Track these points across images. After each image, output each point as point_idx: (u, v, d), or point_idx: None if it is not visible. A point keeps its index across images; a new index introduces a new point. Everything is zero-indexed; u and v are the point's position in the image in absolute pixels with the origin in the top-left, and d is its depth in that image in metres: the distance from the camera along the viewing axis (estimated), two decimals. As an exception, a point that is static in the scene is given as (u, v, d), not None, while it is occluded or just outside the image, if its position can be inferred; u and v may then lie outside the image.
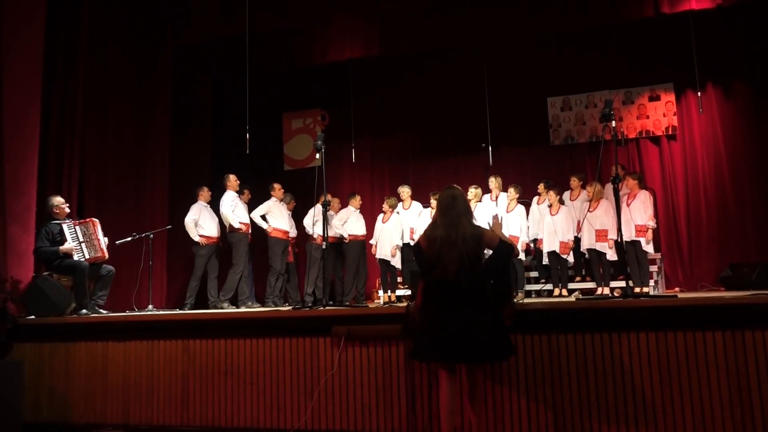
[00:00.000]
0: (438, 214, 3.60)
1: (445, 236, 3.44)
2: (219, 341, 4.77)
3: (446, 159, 9.98)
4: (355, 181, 10.35)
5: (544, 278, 7.89)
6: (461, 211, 3.52)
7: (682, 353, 3.77)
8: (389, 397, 4.28)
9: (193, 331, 4.89)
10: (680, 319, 3.80)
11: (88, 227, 6.15)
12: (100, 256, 6.12)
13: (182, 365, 4.85)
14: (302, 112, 10.88)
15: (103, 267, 6.20)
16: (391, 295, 8.00)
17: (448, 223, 3.49)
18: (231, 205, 7.41)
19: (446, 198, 3.59)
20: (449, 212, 3.52)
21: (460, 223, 3.48)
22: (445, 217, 3.53)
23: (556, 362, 3.99)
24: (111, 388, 4.98)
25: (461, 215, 3.51)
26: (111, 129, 7.74)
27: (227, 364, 4.72)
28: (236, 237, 7.41)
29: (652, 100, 9.16)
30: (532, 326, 4.05)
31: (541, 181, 8.09)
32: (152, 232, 7.29)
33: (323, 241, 5.23)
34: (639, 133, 9.16)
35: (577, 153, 9.51)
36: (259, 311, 5.36)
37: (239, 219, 7.40)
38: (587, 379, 3.92)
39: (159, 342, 4.95)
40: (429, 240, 3.54)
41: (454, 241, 3.41)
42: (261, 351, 4.66)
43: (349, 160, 10.06)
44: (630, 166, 9.03)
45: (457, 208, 3.52)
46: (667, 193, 8.91)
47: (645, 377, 3.81)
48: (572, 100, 9.57)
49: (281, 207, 7.64)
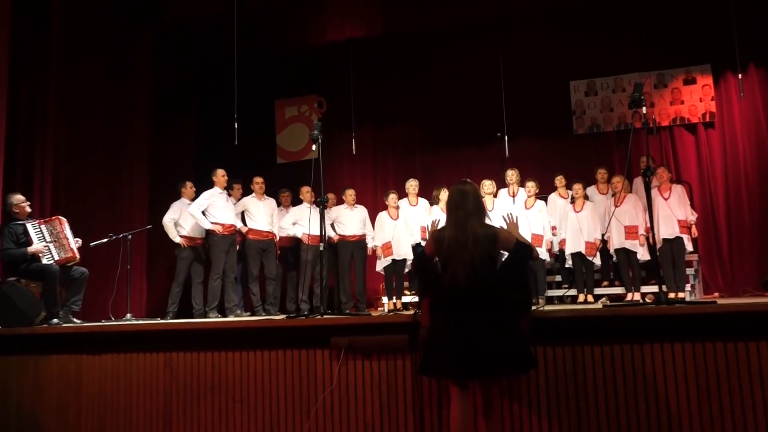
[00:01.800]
0: (447, 212, 3.59)
1: (453, 237, 3.43)
2: (205, 354, 4.76)
3: (457, 150, 9.96)
4: (355, 176, 10.35)
5: (567, 283, 7.86)
6: (471, 210, 3.51)
7: (723, 366, 3.74)
8: (395, 416, 4.26)
9: (176, 343, 4.86)
10: (720, 328, 3.77)
11: (54, 226, 6.14)
12: (70, 257, 6.11)
13: (164, 380, 4.84)
14: (297, 99, 10.87)
15: (75, 269, 6.19)
16: (396, 302, 7.98)
17: (456, 222, 3.49)
18: (204, 203, 7.39)
19: (455, 195, 3.58)
20: (458, 210, 3.51)
21: (469, 222, 3.46)
22: (453, 216, 3.53)
23: (581, 376, 3.96)
24: (85, 405, 4.97)
25: (471, 214, 3.50)
26: (85, 119, 7.75)
27: (214, 379, 4.71)
28: (212, 239, 7.41)
29: (687, 84, 9.12)
30: (554, 337, 4.02)
31: (560, 174, 8.06)
32: (130, 233, 7.29)
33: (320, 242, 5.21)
34: (673, 120, 9.13)
35: (603, 143, 9.48)
36: (249, 320, 5.35)
37: (215, 218, 7.37)
38: (616, 395, 3.89)
39: (138, 355, 4.94)
40: (436, 242, 3.53)
41: (463, 243, 3.40)
42: (251, 365, 4.64)
43: (348, 152, 10.04)
44: (663, 157, 8.99)
45: (466, 206, 3.51)
46: (704, 187, 8.88)
47: (681, 393, 3.79)
48: (598, 83, 9.53)
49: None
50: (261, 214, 7.89)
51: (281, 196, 8.49)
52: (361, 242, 8.12)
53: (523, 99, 9.39)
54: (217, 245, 7.36)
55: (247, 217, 7.88)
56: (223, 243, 7.33)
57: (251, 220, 7.83)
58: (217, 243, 7.35)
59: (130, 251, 7.24)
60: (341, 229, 8.09)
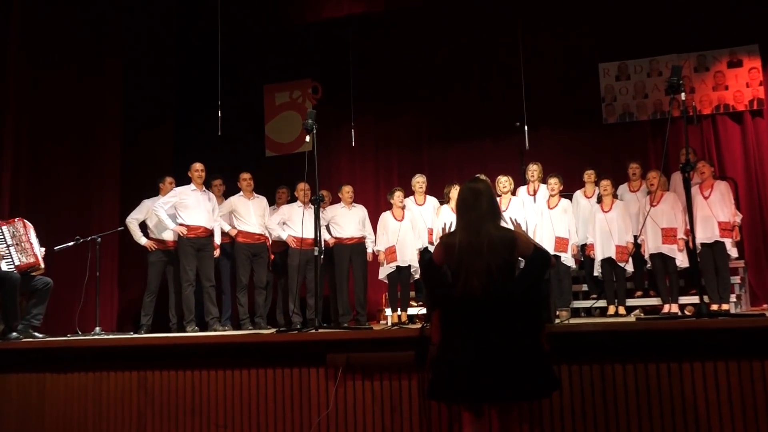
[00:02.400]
0: (457, 214, 3.58)
1: (466, 243, 3.42)
2: (183, 373, 4.76)
3: (471, 142, 9.95)
4: (354, 171, 10.34)
5: (595, 293, 7.84)
6: (485, 211, 3.50)
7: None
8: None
9: (151, 361, 4.87)
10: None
11: (17, 228, 6.16)
12: (33, 263, 6.12)
13: (138, 402, 4.84)
14: (289, 84, 10.88)
15: (38, 279, 6.20)
16: (401, 314, 7.97)
17: (468, 225, 3.48)
18: (169, 200, 7.36)
19: (467, 194, 3.57)
20: (470, 212, 3.50)
21: (483, 225, 3.45)
22: (464, 218, 3.51)
23: (611, 399, 3.95)
24: (49, 429, 4.98)
25: (485, 216, 3.49)
26: (48, 108, 7.75)
27: (194, 401, 4.71)
28: (179, 242, 7.42)
29: (731, 67, 9.11)
30: (581, 354, 4.02)
31: (588, 169, 8.04)
32: (100, 235, 7.27)
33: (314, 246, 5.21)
34: (715, 107, 9.11)
35: (636, 134, 9.46)
36: (233, 335, 5.37)
37: (183, 219, 7.35)
38: (651, 420, 3.88)
39: (109, 373, 4.94)
40: (446, 248, 3.52)
41: (477, 249, 3.39)
42: (236, 385, 4.64)
43: (347, 144, 10.04)
44: (704, 149, 8.97)
45: (479, 207, 3.50)
46: (751, 184, 8.85)
47: (725, 418, 3.78)
48: (630, 66, 9.52)
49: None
50: (250, 214, 7.86)
51: (278, 193, 8.49)
52: (360, 246, 8.10)
53: (546, 84, 9.38)
54: (183, 249, 7.35)
55: (235, 218, 7.87)
56: (188, 246, 7.31)
57: (240, 221, 7.82)
58: (182, 246, 7.35)
59: (100, 256, 7.21)
60: (338, 231, 8.09)
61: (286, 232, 7.90)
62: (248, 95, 10.69)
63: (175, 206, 7.40)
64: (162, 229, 7.59)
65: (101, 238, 7.27)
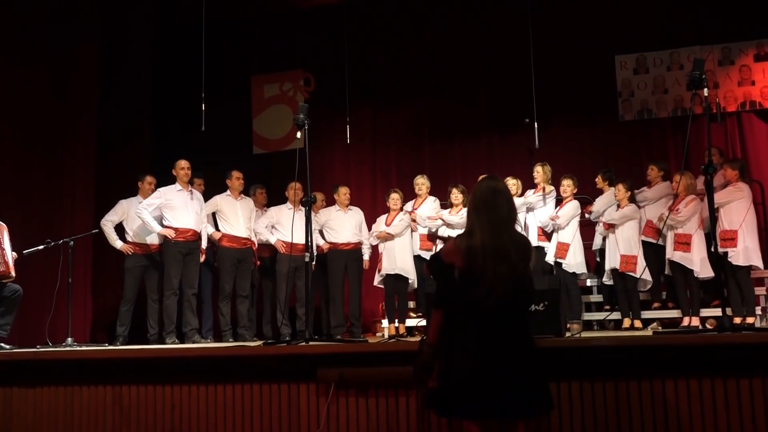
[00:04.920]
0: (473, 214, 3.55)
1: (491, 245, 3.41)
2: (162, 388, 4.76)
3: (476, 140, 9.97)
4: (350, 170, 10.36)
5: (609, 304, 7.86)
6: (506, 213, 3.51)
7: (800, 407, 3.75)
8: (396, 465, 4.28)
9: (128, 375, 4.88)
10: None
11: (-12, 232, 6.20)
12: (3, 272, 6.15)
13: (112, 420, 4.85)
14: (278, 75, 10.89)
15: (7, 286, 6.21)
16: (399, 326, 8.00)
17: (490, 225, 3.45)
18: (153, 202, 7.36)
19: (486, 192, 3.55)
20: (490, 212, 3.48)
21: (506, 229, 3.47)
22: (483, 218, 3.48)
23: (625, 417, 3.98)
24: (15, 450, 4.98)
25: (505, 218, 3.50)
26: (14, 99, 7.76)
27: (173, 418, 4.71)
28: (164, 246, 7.41)
29: (759, 60, 9.14)
30: (594, 369, 4.04)
31: (601, 171, 8.07)
32: (73, 238, 7.27)
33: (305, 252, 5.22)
34: (741, 104, 9.14)
35: (655, 132, 9.48)
36: (216, 348, 5.37)
37: (170, 221, 7.34)
38: (668, 442, 3.91)
39: (81, 388, 4.95)
40: (468, 251, 3.45)
41: (503, 252, 3.39)
42: (219, 402, 4.65)
43: (342, 140, 10.04)
44: (729, 149, 8.99)
45: (500, 208, 3.49)
46: (778, 187, 8.88)
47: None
48: (649, 59, 9.55)
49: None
50: (238, 216, 7.86)
51: (257, 194, 8.51)
52: (357, 252, 8.12)
53: (558, 77, 9.39)
54: (169, 254, 7.35)
55: (220, 220, 7.87)
56: (176, 251, 7.32)
57: (225, 224, 7.81)
58: (169, 251, 7.34)
59: (72, 261, 7.21)
60: (332, 235, 8.10)
61: (274, 236, 7.91)
62: (234, 87, 10.69)
63: (160, 208, 7.40)
64: (147, 233, 7.57)
65: (74, 241, 7.26)
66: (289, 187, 8.05)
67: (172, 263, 7.29)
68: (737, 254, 6.90)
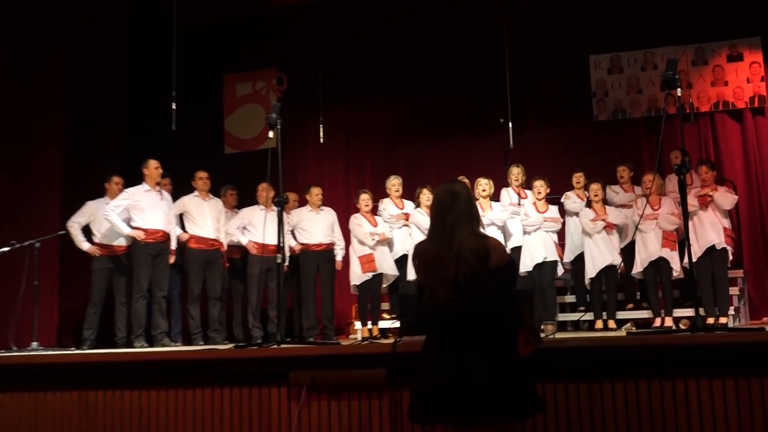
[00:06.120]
0: (431, 221, 3.60)
1: (434, 250, 3.45)
2: (130, 393, 4.71)
3: (450, 140, 10.00)
4: (323, 171, 10.34)
5: (584, 305, 7.91)
6: (462, 215, 3.51)
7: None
8: (368, 470, 4.26)
9: (95, 379, 4.82)
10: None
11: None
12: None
13: (78, 426, 4.78)
14: (251, 74, 10.85)
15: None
16: (372, 328, 7.98)
17: (440, 232, 3.49)
18: (121, 203, 7.30)
19: (443, 196, 3.57)
20: (445, 216, 3.50)
21: (456, 231, 3.47)
22: (437, 223, 3.53)
23: (599, 420, 3.98)
24: (-22, 458, 4.91)
25: (461, 221, 3.50)
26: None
27: (141, 424, 4.67)
28: (133, 247, 7.35)
29: (732, 61, 9.24)
30: (567, 371, 4.04)
31: (577, 171, 8.11)
32: (38, 240, 7.20)
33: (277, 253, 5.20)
34: (714, 105, 9.24)
35: (629, 132, 9.57)
36: (185, 351, 5.35)
37: (138, 222, 7.30)
38: (642, 443, 3.92)
39: (47, 394, 4.88)
40: (417, 256, 3.58)
41: (442, 258, 3.41)
42: (189, 407, 4.61)
43: (315, 140, 10.03)
44: (702, 149, 9.09)
45: (455, 212, 3.51)
46: (751, 187, 8.98)
47: (722, 441, 3.82)
48: (624, 59, 9.63)
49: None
50: (206, 217, 7.82)
51: (227, 195, 8.45)
52: (329, 253, 8.10)
53: (532, 77, 9.44)
54: (138, 255, 7.29)
55: (187, 221, 7.82)
56: (145, 253, 7.26)
57: (193, 225, 7.77)
58: (138, 253, 7.28)
59: (38, 263, 7.14)
60: (304, 236, 8.08)
61: (246, 237, 7.87)
62: (206, 86, 10.62)
63: (129, 209, 7.33)
64: (115, 235, 7.50)
65: (40, 243, 7.19)
66: (261, 187, 8.01)
67: (141, 265, 7.23)
68: None
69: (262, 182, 7.88)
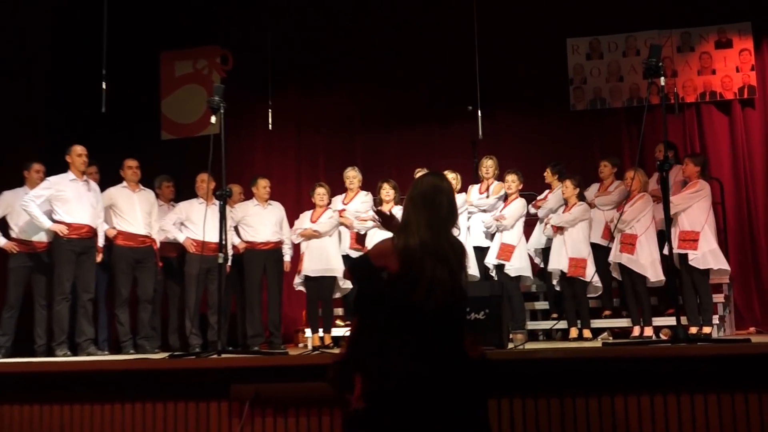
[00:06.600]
0: (411, 209, 3.56)
1: (430, 244, 3.43)
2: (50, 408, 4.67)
3: (413, 129, 10.02)
4: (271, 161, 10.32)
5: (557, 312, 7.97)
6: (446, 214, 3.52)
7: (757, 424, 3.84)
8: (317, 493, 4.27)
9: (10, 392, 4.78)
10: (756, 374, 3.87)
11: None
12: None
13: (-9, 445, 4.73)
14: (192, 51, 10.76)
15: None
16: (324, 336, 7.99)
17: (429, 224, 3.47)
18: (42, 193, 7.22)
19: (427, 188, 3.56)
20: (429, 210, 3.50)
21: (446, 228, 3.50)
22: (422, 215, 3.49)
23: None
24: None
25: (446, 220, 3.52)
26: None
27: (63, 443, 4.62)
28: (55, 244, 7.26)
29: (720, 47, 9.37)
30: (538, 384, 4.07)
31: (550, 164, 8.18)
32: (-53, 235, 7.11)
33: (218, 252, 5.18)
34: (700, 95, 9.36)
35: (609, 123, 9.68)
36: (115, 361, 5.31)
37: (62, 215, 7.22)
38: (617, 464, 3.97)
39: (-47, 409, 4.81)
40: (405, 250, 3.45)
41: (444, 254, 3.41)
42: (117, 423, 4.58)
43: (263, 126, 9.99)
44: (687, 143, 9.21)
45: (440, 208, 3.51)
46: (739, 185, 9.13)
47: (702, 461, 3.88)
48: (604, 43, 9.71)
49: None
50: (135, 210, 7.75)
51: (162, 186, 8.39)
52: (277, 252, 8.09)
53: (504, 61, 9.51)
54: (60, 253, 7.19)
55: (114, 215, 7.74)
56: (68, 250, 7.17)
57: (121, 219, 7.70)
58: (61, 250, 7.19)
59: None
60: (250, 233, 8.06)
61: (183, 234, 7.81)
62: (140, 64, 10.50)
63: (50, 200, 7.23)
64: (34, 230, 7.40)
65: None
66: (201, 178, 7.95)
67: (64, 264, 7.14)
68: (698, 257, 7.00)
69: (203, 172, 7.81)
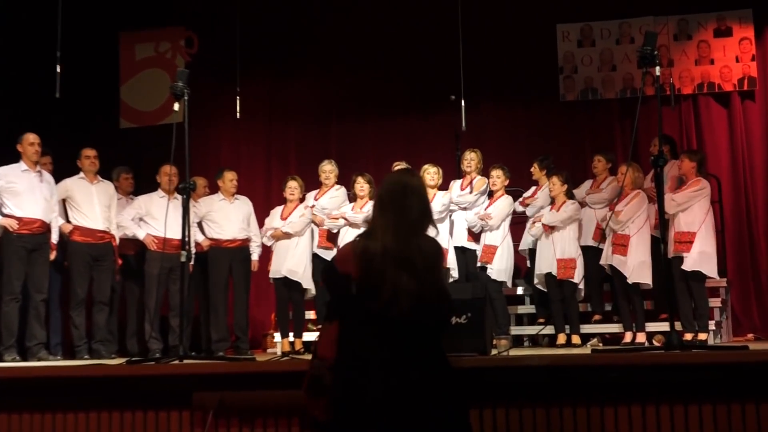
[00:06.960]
0: (377, 212, 3.57)
1: (394, 249, 3.43)
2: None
3: (392, 119, 10.04)
4: (239, 152, 10.31)
5: (544, 316, 8.01)
6: (416, 216, 3.53)
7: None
8: None
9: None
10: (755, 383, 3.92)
11: None
12: None
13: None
14: (154, 32, 10.72)
15: None
16: (294, 340, 7.99)
17: (396, 228, 3.47)
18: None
19: (395, 188, 3.57)
20: (396, 212, 3.50)
21: (416, 231, 3.49)
22: (389, 218, 3.49)
23: (557, 452, 4.05)
24: None
25: (415, 221, 3.52)
26: None
27: (11, 455, 4.60)
28: (5, 239, 7.23)
29: (719, 36, 9.42)
30: (522, 394, 4.09)
31: (537, 159, 8.21)
32: None
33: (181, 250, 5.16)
34: (698, 86, 9.41)
35: (601, 114, 9.73)
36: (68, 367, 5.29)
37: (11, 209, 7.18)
38: (606, 478, 4.00)
39: None
40: (363, 255, 3.47)
41: (409, 260, 3.41)
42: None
43: (230, 115, 9.94)
44: (684, 137, 9.27)
45: (410, 209, 3.51)
46: (737, 182, 9.20)
47: (697, 475, 3.92)
48: (596, 29, 9.75)
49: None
50: (93, 204, 7.73)
51: (120, 179, 8.36)
52: (244, 251, 8.09)
53: (489, 48, 9.53)
54: (9, 249, 7.16)
55: (70, 209, 7.71)
56: (18, 246, 7.14)
57: (77, 213, 7.67)
58: (10, 246, 7.16)
59: None
60: (215, 230, 8.05)
61: (143, 230, 7.78)
62: (98, 46, 10.45)
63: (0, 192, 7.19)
64: None
65: None
66: (162, 170, 7.92)
67: (14, 261, 7.12)
68: (691, 259, 7.04)
69: (165, 164, 7.78)
